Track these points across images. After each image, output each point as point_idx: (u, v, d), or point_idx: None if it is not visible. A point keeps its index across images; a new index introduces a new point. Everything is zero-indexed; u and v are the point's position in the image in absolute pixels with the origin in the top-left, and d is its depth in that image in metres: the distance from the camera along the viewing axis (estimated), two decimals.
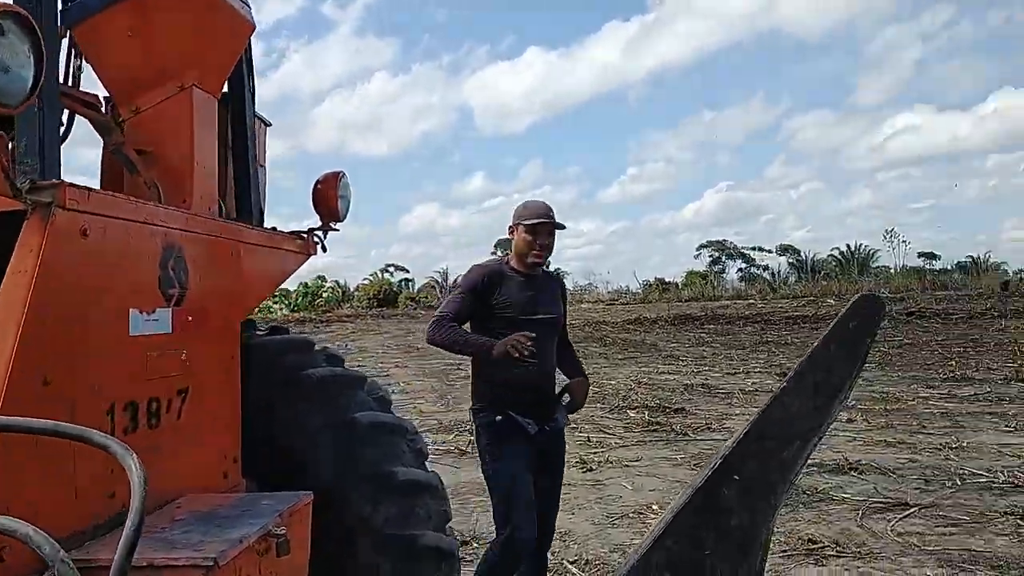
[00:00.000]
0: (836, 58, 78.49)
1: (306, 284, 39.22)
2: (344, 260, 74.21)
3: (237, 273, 2.22)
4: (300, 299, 37.44)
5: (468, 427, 8.04)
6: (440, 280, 43.35)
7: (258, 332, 2.62)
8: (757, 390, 9.85)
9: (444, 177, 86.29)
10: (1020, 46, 72.61)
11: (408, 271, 46.79)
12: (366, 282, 38.88)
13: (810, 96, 77.69)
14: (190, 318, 1.95)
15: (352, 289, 39.41)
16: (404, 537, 2.41)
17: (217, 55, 2.19)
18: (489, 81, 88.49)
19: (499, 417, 3.02)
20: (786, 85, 78.20)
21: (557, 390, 3.23)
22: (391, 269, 45.85)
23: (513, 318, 3.02)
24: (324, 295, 38.08)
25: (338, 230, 2.70)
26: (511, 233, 3.14)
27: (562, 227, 3.11)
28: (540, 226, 3.04)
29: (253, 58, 2.75)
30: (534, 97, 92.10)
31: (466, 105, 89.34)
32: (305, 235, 2.66)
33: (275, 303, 39.87)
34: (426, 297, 36.49)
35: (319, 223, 2.69)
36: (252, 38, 2.50)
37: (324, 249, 2.71)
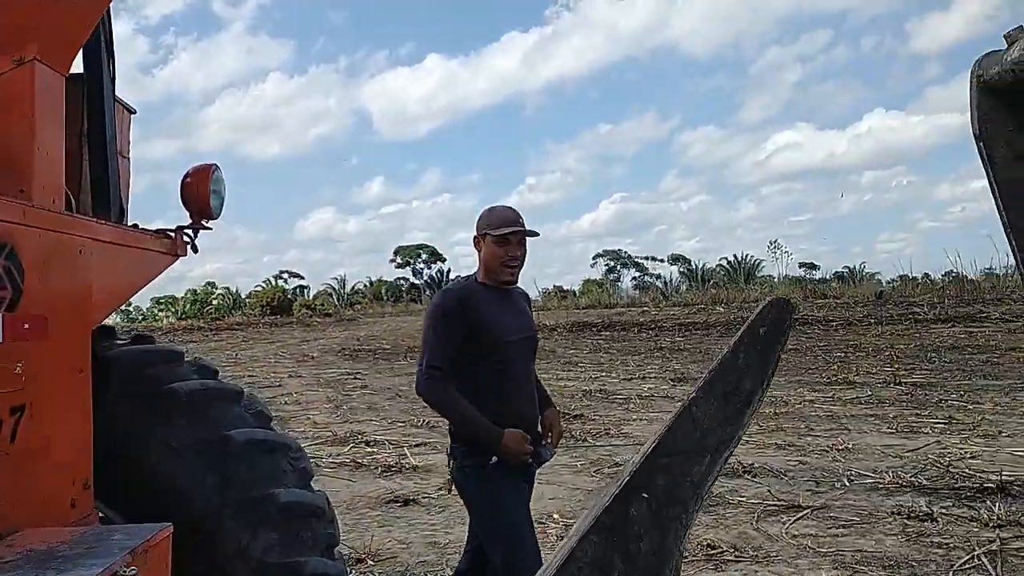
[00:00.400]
0: (724, 76, 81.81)
1: (195, 291, 37.73)
2: (236, 266, 71.85)
3: (87, 274, 1.95)
4: (188, 306, 35.92)
5: (363, 438, 7.78)
6: (337, 287, 42.46)
7: (118, 342, 2.35)
8: (653, 395, 9.98)
9: (341, 182, 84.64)
10: (890, 70, 77.67)
11: (304, 278, 45.66)
12: (259, 289, 37.59)
13: (699, 112, 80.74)
14: (26, 325, 1.69)
15: (244, 296, 38.09)
16: (286, 565, 2.20)
17: (64, 26, 1.92)
18: (388, 86, 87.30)
19: (494, 459, 2.63)
20: (678, 101, 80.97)
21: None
22: (285, 276, 44.58)
23: (495, 340, 2.69)
24: (214, 302, 36.66)
25: (211, 228, 2.45)
26: (476, 245, 2.80)
27: (535, 234, 2.78)
28: (511, 235, 2.72)
29: (115, 38, 2.48)
30: (434, 103, 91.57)
31: (364, 109, 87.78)
32: (173, 233, 2.40)
33: (161, 311, 38.17)
34: (322, 304, 35.60)
35: (190, 221, 2.43)
36: (126, 27, 2.24)
37: (195, 250, 2.45)
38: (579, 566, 1.36)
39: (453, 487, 2.84)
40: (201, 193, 2.36)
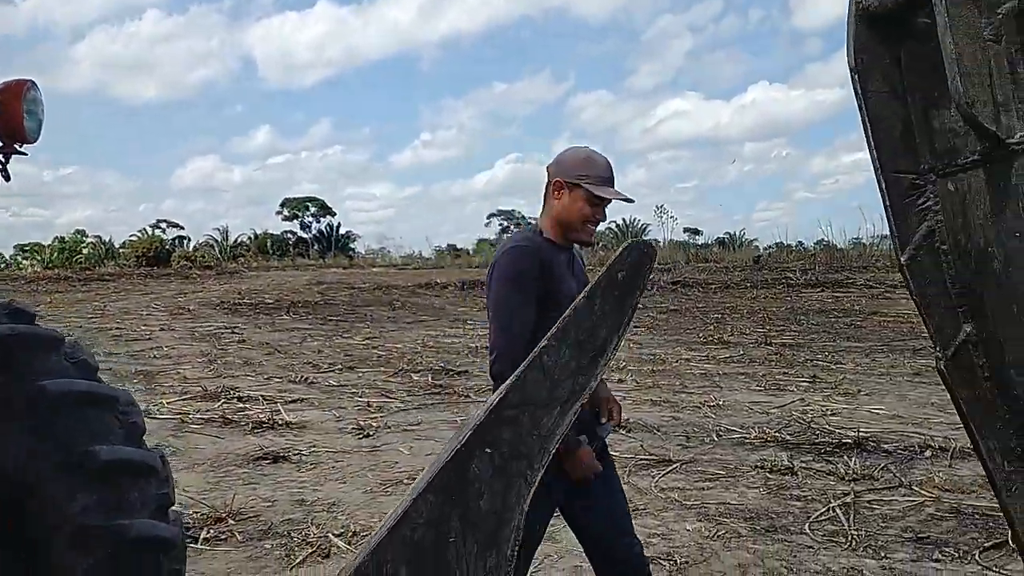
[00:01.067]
0: (616, 42, 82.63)
1: (62, 239, 35.34)
2: (108, 214, 67.67)
3: None
4: (55, 255, 33.58)
5: (236, 394, 7.44)
6: (219, 239, 40.73)
7: None
8: None
9: (224, 130, 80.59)
10: (774, 44, 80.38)
11: (183, 228, 43.53)
12: (134, 239, 35.54)
13: (592, 76, 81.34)
14: None
15: (118, 246, 36.00)
16: (109, 528, 1.98)
17: None
18: (275, 31, 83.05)
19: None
20: (571, 63, 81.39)
21: None
22: (163, 225, 42.36)
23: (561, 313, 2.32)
24: (84, 251, 34.47)
25: (26, 154, 2.15)
26: (556, 192, 2.32)
27: (631, 201, 2.37)
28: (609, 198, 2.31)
29: None
30: (324, 52, 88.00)
31: (249, 54, 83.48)
32: None
33: (26, 259, 35.58)
34: (203, 256, 34.05)
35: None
36: None
37: (7, 178, 2.15)
38: (413, 527, 1.25)
39: None
40: (12, 111, 2.05)
